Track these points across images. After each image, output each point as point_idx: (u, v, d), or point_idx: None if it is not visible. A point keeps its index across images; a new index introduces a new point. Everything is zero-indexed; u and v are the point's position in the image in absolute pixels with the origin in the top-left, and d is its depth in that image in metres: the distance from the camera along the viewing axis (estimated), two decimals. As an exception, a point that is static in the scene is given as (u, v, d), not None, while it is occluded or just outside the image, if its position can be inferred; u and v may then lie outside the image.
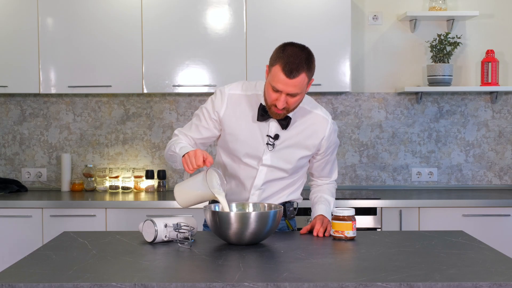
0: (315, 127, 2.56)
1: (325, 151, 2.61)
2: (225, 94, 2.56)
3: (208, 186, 2.35)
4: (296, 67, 2.31)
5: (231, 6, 4.02)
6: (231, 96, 2.56)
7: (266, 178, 2.58)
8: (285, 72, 2.31)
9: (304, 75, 2.33)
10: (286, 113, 2.45)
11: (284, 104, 2.38)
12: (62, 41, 4.05)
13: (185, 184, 2.44)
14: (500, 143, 4.37)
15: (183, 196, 2.43)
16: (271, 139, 2.53)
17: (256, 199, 2.60)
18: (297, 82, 2.33)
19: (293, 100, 2.39)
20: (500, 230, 3.79)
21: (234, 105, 2.55)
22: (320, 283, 1.80)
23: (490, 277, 1.86)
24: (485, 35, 4.35)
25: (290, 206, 2.70)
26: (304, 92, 2.40)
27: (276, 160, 2.56)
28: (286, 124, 2.51)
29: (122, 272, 1.96)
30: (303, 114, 2.54)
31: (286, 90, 2.34)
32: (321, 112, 2.58)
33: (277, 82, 2.34)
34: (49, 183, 4.41)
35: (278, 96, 2.37)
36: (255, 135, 2.54)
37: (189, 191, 2.42)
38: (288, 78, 2.32)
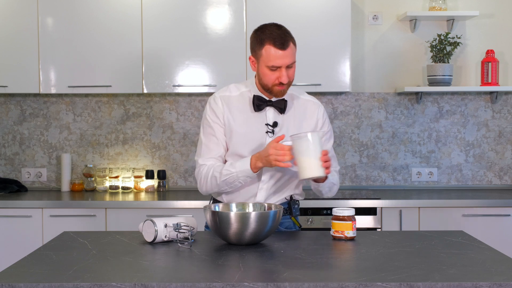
0: (308, 110, 2.66)
1: (320, 129, 2.66)
2: (218, 98, 2.63)
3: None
4: (285, 38, 2.47)
5: (231, 6, 4.02)
6: (223, 97, 2.63)
7: (272, 171, 2.60)
8: (278, 46, 2.45)
9: (292, 44, 2.49)
10: (288, 88, 2.55)
11: (287, 78, 2.49)
12: (62, 41, 4.05)
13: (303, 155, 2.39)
14: (500, 143, 4.37)
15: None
16: (270, 127, 2.58)
17: (264, 193, 2.60)
18: (290, 51, 2.48)
19: (291, 71, 2.52)
20: (500, 230, 3.79)
21: (228, 106, 2.62)
22: (320, 283, 1.80)
23: (490, 277, 1.86)
24: (485, 35, 4.35)
25: (295, 203, 2.71)
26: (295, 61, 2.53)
27: None
28: (283, 107, 2.58)
29: (122, 272, 1.97)
30: (295, 100, 2.65)
31: (284, 62, 2.47)
32: (309, 98, 2.71)
33: (274, 59, 2.46)
34: (49, 183, 4.41)
35: (279, 73, 2.49)
36: (254, 127, 2.59)
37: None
38: (282, 50, 2.45)
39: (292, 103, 2.64)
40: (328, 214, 3.76)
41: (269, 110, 2.59)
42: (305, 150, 2.36)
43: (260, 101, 2.57)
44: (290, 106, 2.62)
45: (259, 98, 2.57)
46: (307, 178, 2.40)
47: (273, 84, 2.51)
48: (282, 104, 2.58)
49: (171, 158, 4.38)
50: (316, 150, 2.37)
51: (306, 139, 2.36)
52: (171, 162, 4.38)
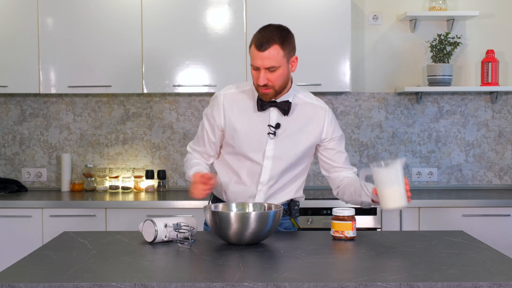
0: (314, 114, 2.62)
1: (331, 136, 2.63)
2: (220, 96, 2.63)
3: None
4: (266, 41, 2.42)
5: (231, 6, 4.02)
6: (226, 96, 2.62)
7: (272, 172, 2.59)
8: (257, 46, 2.43)
9: (277, 47, 2.42)
10: (274, 93, 2.51)
11: (264, 80, 2.45)
12: (62, 41, 4.05)
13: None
14: (500, 143, 4.37)
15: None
16: (272, 128, 2.56)
17: (263, 195, 2.60)
18: (269, 54, 2.42)
19: (273, 76, 2.46)
20: (500, 230, 3.79)
21: (231, 103, 2.61)
22: (320, 283, 1.80)
23: (490, 277, 1.86)
24: (485, 35, 4.35)
25: (295, 204, 2.71)
26: (283, 67, 2.46)
27: (279, 150, 2.57)
28: (287, 110, 2.55)
29: (122, 272, 1.96)
30: (301, 104, 2.62)
31: (261, 64, 2.43)
32: (318, 102, 2.66)
33: (253, 59, 2.45)
34: (49, 183, 4.41)
35: (258, 73, 2.46)
36: (256, 127, 2.57)
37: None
38: (259, 52, 2.42)
39: (298, 106, 2.60)
40: (328, 214, 3.75)
41: (273, 111, 2.57)
42: (387, 179, 2.31)
43: (264, 101, 2.56)
44: (295, 109, 2.59)
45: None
46: (391, 209, 2.34)
47: (257, 85, 2.50)
48: (286, 105, 2.55)
49: (171, 158, 4.38)
50: (399, 179, 2.31)
51: (388, 168, 2.31)
52: (171, 162, 4.38)
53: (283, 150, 2.58)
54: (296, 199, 2.71)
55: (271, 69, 2.44)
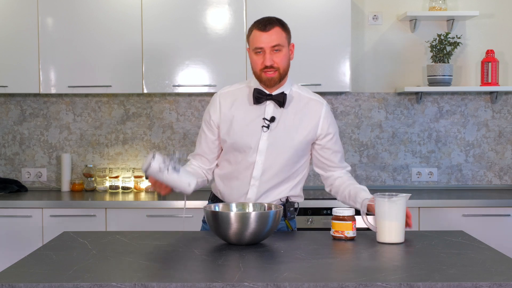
0: (310, 109, 2.63)
1: (326, 133, 2.62)
2: (217, 95, 2.68)
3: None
4: (269, 22, 2.50)
5: (231, 6, 4.02)
6: (222, 95, 2.67)
7: (265, 167, 2.59)
8: (260, 28, 2.50)
9: (279, 29, 2.51)
10: (278, 76, 2.53)
11: (271, 61, 2.49)
12: (62, 41, 4.05)
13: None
14: (500, 143, 4.37)
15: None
16: (266, 121, 2.57)
17: (255, 190, 2.60)
18: (274, 33, 2.49)
19: (279, 57, 2.51)
20: (500, 230, 3.79)
21: (227, 99, 2.64)
22: (320, 283, 1.80)
23: (490, 277, 1.86)
24: (485, 35, 4.35)
25: (291, 206, 2.69)
26: (286, 48, 2.53)
27: (273, 143, 2.57)
28: (282, 101, 2.57)
29: (122, 272, 1.97)
30: (297, 97, 2.63)
31: (266, 44, 2.48)
32: (315, 97, 2.67)
33: (257, 41, 2.50)
34: (49, 183, 4.41)
35: (263, 55, 2.50)
36: (251, 120, 2.59)
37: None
38: (264, 32, 2.48)
39: (294, 100, 2.62)
40: (328, 214, 3.75)
41: (269, 105, 2.59)
42: (388, 213, 2.32)
43: (260, 94, 2.57)
44: (291, 102, 2.60)
45: (258, 91, 2.58)
46: (385, 242, 2.34)
47: (260, 70, 2.52)
48: (282, 97, 2.57)
49: (171, 158, 4.38)
50: (400, 215, 2.32)
51: (392, 202, 2.31)
52: (171, 162, 4.37)
53: (276, 144, 2.58)
54: (292, 200, 2.69)
55: (276, 49, 2.49)
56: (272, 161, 2.59)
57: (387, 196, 2.34)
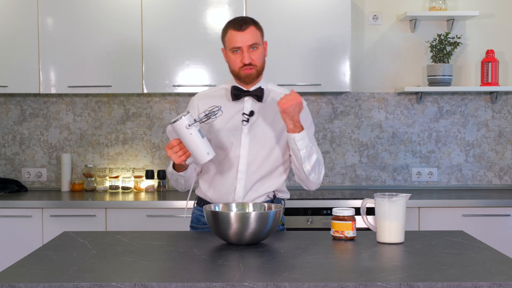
0: None
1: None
2: (194, 97, 2.77)
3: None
4: (244, 22, 2.60)
5: (231, 6, 4.02)
6: (199, 95, 2.77)
7: (249, 160, 2.63)
8: (236, 28, 2.59)
9: (254, 28, 2.61)
10: (256, 73, 2.62)
11: (249, 59, 2.58)
12: (62, 41, 4.05)
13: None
14: (500, 143, 4.37)
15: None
16: (246, 115, 2.65)
17: (243, 184, 2.63)
18: (250, 32, 2.59)
19: (256, 55, 2.60)
20: (500, 230, 3.79)
21: (205, 100, 2.72)
22: (320, 283, 1.80)
23: (490, 277, 1.86)
24: (485, 35, 4.35)
25: (278, 202, 2.74)
26: (262, 46, 2.63)
27: (254, 136, 2.64)
28: (261, 96, 2.66)
29: (122, 272, 1.97)
30: (274, 92, 2.73)
31: (244, 43, 2.58)
32: (284, 91, 2.74)
33: (234, 41, 2.59)
34: (49, 183, 4.41)
35: (241, 54, 2.60)
36: (232, 117, 2.65)
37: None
38: (241, 31, 2.58)
39: (272, 94, 2.71)
40: (328, 214, 3.75)
41: (248, 101, 2.67)
42: (388, 213, 2.33)
43: (238, 90, 2.66)
44: (269, 96, 2.70)
45: (236, 88, 2.66)
46: (385, 242, 2.33)
47: (239, 68, 2.61)
48: (259, 92, 2.66)
49: (171, 158, 4.38)
50: (401, 215, 2.32)
51: (392, 202, 2.32)
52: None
53: (258, 136, 2.65)
54: (279, 196, 2.73)
55: (253, 47, 2.59)
56: (256, 154, 2.64)
57: (387, 196, 2.34)
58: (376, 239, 2.37)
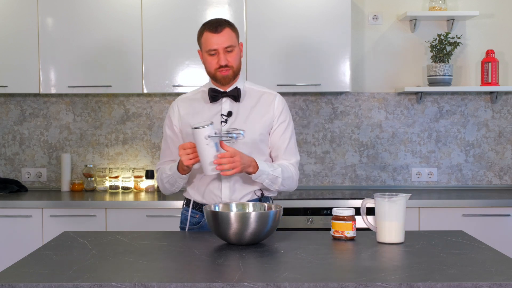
0: (264, 101, 2.72)
1: (278, 117, 2.70)
2: (174, 102, 2.80)
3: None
4: (219, 24, 2.62)
5: (231, 6, 4.02)
6: (179, 100, 2.79)
7: None
8: (212, 30, 2.61)
9: (229, 29, 2.62)
10: (232, 74, 2.65)
11: (225, 60, 2.60)
12: (62, 41, 4.05)
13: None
14: (500, 143, 4.37)
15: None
16: (224, 116, 2.66)
17: (228, 184, 2.64)
18: (225, 34, 2.60)
19: (231, 56, 2.62)
20: (500, 230, 3.79)
21: (185, 105, 2.74)
22: (320, 283, 1.80)
23: (490, 277, 1.86)
24: (485, 35, 4.35)
25: (267, 200, 2.74)
26: (237, 47, 2.65)
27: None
28: (237, 95, 2.67)
29: (122, 272, 1.97)
30: (251, 91, 2.75)
31: (220, 45, 2.60)
32: (268, 90, 2.78)
33: (210, 43, 2.61)
34: (49, 183, 4.41)
35: (217, 56, 2.61)
36: (210, 118, 2.66)
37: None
38: (216, 34, 2.60)
39: (248, 94, 2.72)
40: (328, 214, 3.75)
41: (225, 102, 2.69)
42: (388, 213, 2.33)
43: (215, 92, 2.68)
44: (246, 97, 2.71)
45: (213, 90, 2.69)
46: (385, 242, 2.34)
47: (215, 69, 2.63)
48: (236, 92, 2.67)
49: (171, 158, 4.38)
50: (400, 215, 2.33)
51: (392, 202, 2.32)
52: (171, 162, 4.38)
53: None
54: (267, 194, 2.73)
55: (228, 49, 2.61)
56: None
57: (387, 196, 2.34)
58: (376, 239, 2.37)
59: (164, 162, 2.78)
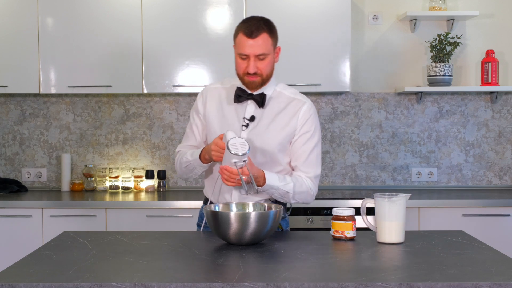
0: (290, 107, 2.61)
1: (301, 126, 2.58)
2: (205, 90, 2.70)
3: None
4: (256, 28, 2.49)
5: (231, 6, 4.02)
6: (210, 90, 2.69)
7: None
8: (247, 34, 2.49)
9: (266, 35, 2.50)
10: (261, 81, 2.54)
11: (254, 68, 2.49)
12: (62, 41, 4.05)
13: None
14: (500, 143, 4.37)
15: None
16: (246, 120, 2.58)
17: (239, 191, 2.59)
18: (260, 41, 2.48)
19: (262, 64, 2.51)
20: (500, 230, 3.79)
21: (213, 97, 2.66)
22: (320, 283, 1.80)
23: (490, 277, 1.86)
24: (485, 35, 4.35)
25: (282, 205, 2.68)
26: (271, 55, 2.53)
27: (253, 142, 2.55)
28: (261, 101, 2.57)
29: (122, 272, 1.97)
30: (279, 97, 2.63)
31: (252, 51, 2.49)
32: (299, 97, 2.64)
33: (243, 47, 2.50)
34: (49, 183, 4.41)
35: (247, 61, 2.51)
36: (232, 120, 2.60)
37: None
38: (250, 39, 2.48)
39: (276, 100, 2.61)
40: (328, 214, 3.75)
41: (250, 105, 2.60)
42: (389, 213, 2.32)
43: (241, 92, 2.59)
44: (272, 102, 2.60)
45: (240, 90, 2.59)
46: (386, 243, 2.33)
47: (243, 74, 2.54)
48: (261, 97, 2.58)
49: (171, 158, 4.38)
50: (401, 215, 2.32)
51: (392, 202, 2.32)
52: (171, 162, 4.38)
53: (256, 142, 2.56)
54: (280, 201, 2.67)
55: (260, 57, 2.50)
56: (254, 160, 2.55)
57: (387, 196, 2.34)
58: (376, 239, 2.37)
59: (186, 146, 2.71)
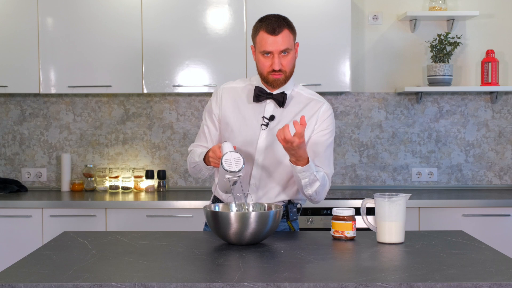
0: (309, 108, 2.60)
1: (319, 125, 2.58)
2: (220, 89, 2.68)
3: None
4: (277, 25, 2.49)
5: (231, 6, 4.02)
6: (225, 89, 2.67)
7: (264, 165, 2.57)
8: (269, 32, 2.48)
9: (287, 31, 2.51)
10: (284, 78, 2.54)
11: (279, 65, 2.49)
12: (62, 41, 4.05)
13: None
14: (500, 143, 4.37)
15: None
16: (265, 119, 2.57)
17: (255, 189, 2.58)
18: (283, 37, 2.49)
19: (286, 60, 2.51)
20: (500, 230, 3.79)
21: (229, 96, 2.64)
22: (320, 283, 1.80)
23: (490, 277, 1.86)
24: (485, 35, 4.35)
25: (293, 207, 2.68)
26: (293, 50, 2.53)
27: (272, 142, 2.55)
28: (282, 101, 2.56)
29: (122, 272, 1.96)
30: (299, 97, 2.63)
31: (276, 48, 2.48)
32: (316, 97, 2.65)
33: (266, 44, 2.49)
34: (49, 183, 4.41)
35: (271, 59, 2.50)
36: (250, 119, 2.58)
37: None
38: (273, 36, 2.48)
39: (295, 100, 2.61)
40: (328, 214, 3.76)
41: (269, 104, 2.58)
42: (389, 213, 2.32)
43: (261, 92, 2.57)
44: (291, 102, 2.60)
45: (260, 89, 2.57)
46: (386, 243, 2.33)
47: (267, 72, 2.52)
48: (281, 97, 2.56)
49: (171, 158, 4.38)
50: (401, 215, 2.32)
51: (392, 202, 2.32)
52: (171, 162, 4.38)
53: (275, 143, 2.55)
54: (294, 201, 2.68)
55: (284, 52, 2.49)
56: (271, 160, 2.57)
57: (387, 196, 2.35)
58: (376, 239, 2.37)
59: (197, 145, 2.70)
